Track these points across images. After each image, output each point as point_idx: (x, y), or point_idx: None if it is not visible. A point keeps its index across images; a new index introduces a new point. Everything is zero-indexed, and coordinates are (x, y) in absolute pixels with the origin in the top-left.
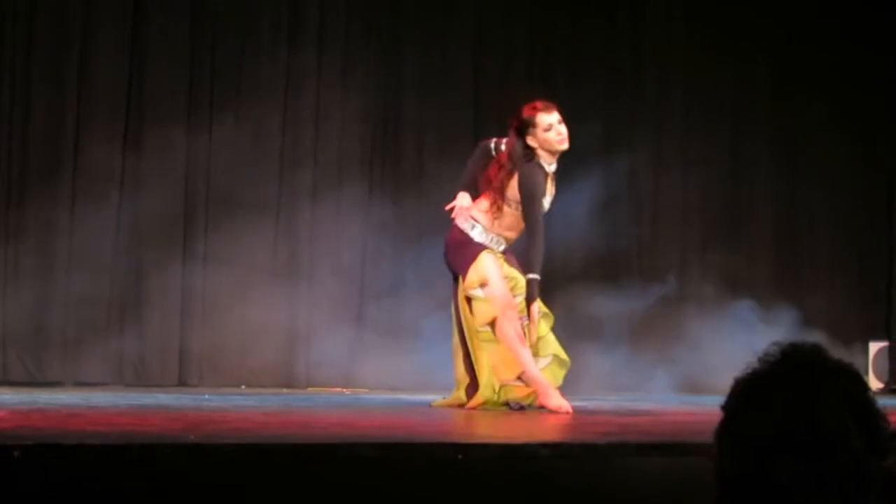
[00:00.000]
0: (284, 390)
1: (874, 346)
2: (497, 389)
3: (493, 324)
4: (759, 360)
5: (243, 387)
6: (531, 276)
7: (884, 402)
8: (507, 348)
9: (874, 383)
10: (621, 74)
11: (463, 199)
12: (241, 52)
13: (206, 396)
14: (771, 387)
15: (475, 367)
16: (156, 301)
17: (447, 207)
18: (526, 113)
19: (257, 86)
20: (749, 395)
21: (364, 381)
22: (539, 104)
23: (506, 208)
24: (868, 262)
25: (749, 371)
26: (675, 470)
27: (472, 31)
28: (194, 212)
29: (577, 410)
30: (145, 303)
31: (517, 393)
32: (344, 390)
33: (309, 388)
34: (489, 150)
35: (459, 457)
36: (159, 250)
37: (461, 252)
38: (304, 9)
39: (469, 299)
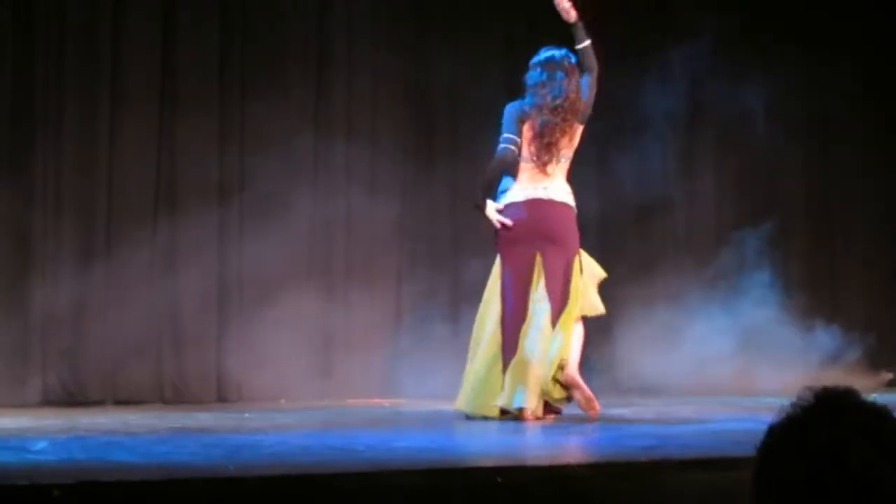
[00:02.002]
0: (323, 402)
1: None
2: (553, 375)
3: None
4: (793, 404)
5: (282, 401)
6: None
7: None
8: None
9: None
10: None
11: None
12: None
13: (247, 415)
14: (804, 431)
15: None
16: (193, 317)
17: (499, 224)
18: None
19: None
20: (783, 439)
21: (402, 391)
22: None
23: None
24: None
25: (783, 415)
26: (720, 485)
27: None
28: (228, 227)
29: (616, 420)
30: (182, 320)
31: (556, 394)
32: (383, 402)
33: (348, 401)
34: (514, 155)
35: (499, 479)
36: (195, 266)
37: (573, 227)
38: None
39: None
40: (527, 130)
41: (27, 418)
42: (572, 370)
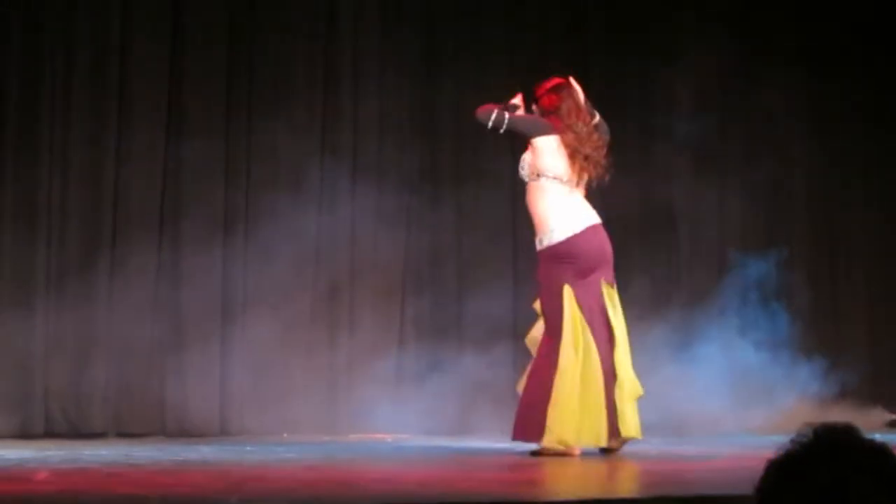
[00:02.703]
0: (326, 438)
1: None
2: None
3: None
4: (792, 441)
5: (285, 434)
6: None
7: None
8: None
9: None
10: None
11: None
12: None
13: (249, 448)
14: (804, 468)
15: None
16: (196, 350)
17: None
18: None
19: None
20: (782, 476)
21: (406, 427)
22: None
23: None
24: None
25: (782, 452)
26: None
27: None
28: (233, 258)
29: (619, 457)
30: (185, 352)
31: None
32: (386, 437)
33: (351, 436)
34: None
35: None
36: (198, 299)
37: None
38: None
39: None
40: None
41: (29, 449)
42: None
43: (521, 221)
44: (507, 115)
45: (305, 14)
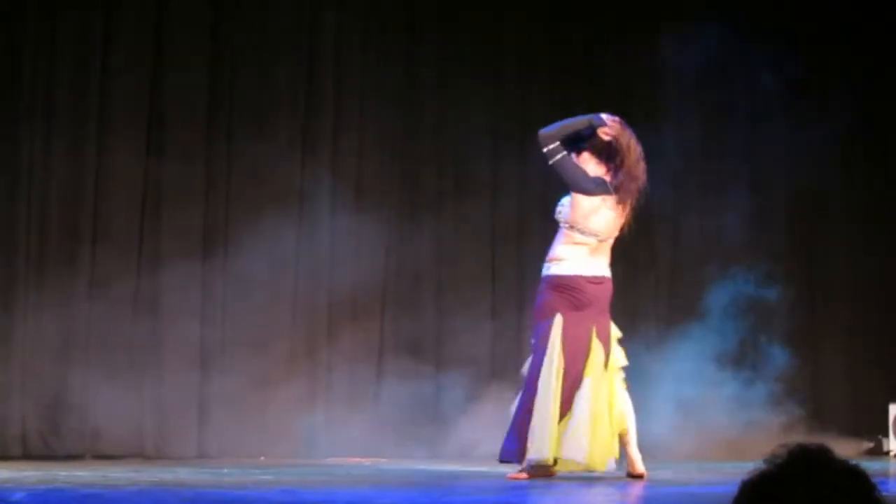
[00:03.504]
0: (303, 461)
1: (894, 408)
2: None
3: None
4: (766, 461)
5: (262, 458)
6: None
7: None
8: None
9: (894, 445)
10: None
11: None
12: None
13: (226, 470)
14: (780, 489)
15: (611, 413)
16: (175, 373)
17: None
18: None
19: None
20: (757, 497)
21: (383, 451)
22: None
23: None
24: (887, 325)
25: (756, 472)
26: None
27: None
28: (212, 283)
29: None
30: (165, 375)
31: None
32: (363, 461)
33: (328, 459)
34: None
35: None
36: (177, 321)
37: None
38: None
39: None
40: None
41: (6, 470)
42: None
43: (501, 241)
44: (560, 154)
45: (287, 35)
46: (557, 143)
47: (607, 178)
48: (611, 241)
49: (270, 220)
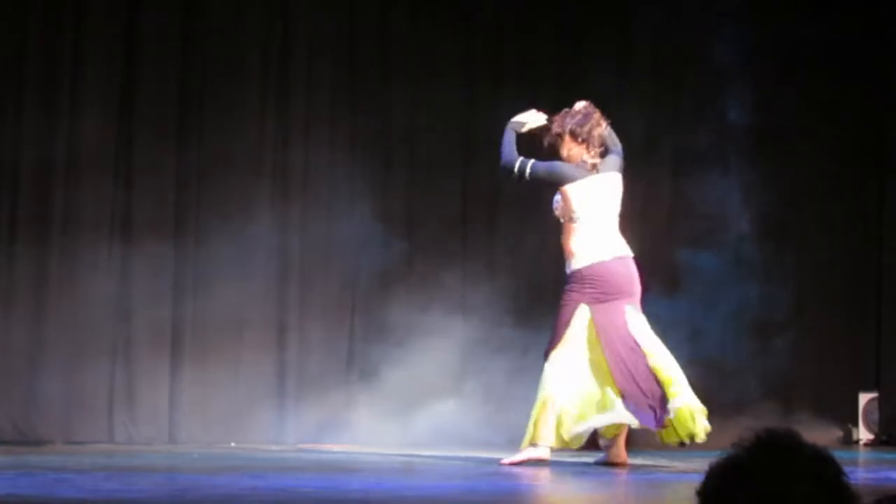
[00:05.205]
0: (274, 447)
1: (864, 397)
2: None
3: None
4: (734, 445)
5: (232, 443)
6: None
7: (874, 454)
8: None
9: (864, 434)
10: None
11: None
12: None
13: (196, 455)
14: (746, 473)
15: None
16: (146, 359)
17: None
18: None
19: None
20: (724, 480)
21: (356, 437)
22: None
23: None
24: (856, 314)
25: (724, 456)
26: None
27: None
28: (183, 272)
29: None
30: (135, 361)
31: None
32: (333, 447)
33: (299, 446)
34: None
35: None
36: (147, 307)
37: None
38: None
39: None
40: None
41: None
42: None
43: (472, 242)
44: (528, 165)
45: (258, 35)
46: (517, 159)
47: (587, 158)
48: (616, 220)
49: (241, 204)
